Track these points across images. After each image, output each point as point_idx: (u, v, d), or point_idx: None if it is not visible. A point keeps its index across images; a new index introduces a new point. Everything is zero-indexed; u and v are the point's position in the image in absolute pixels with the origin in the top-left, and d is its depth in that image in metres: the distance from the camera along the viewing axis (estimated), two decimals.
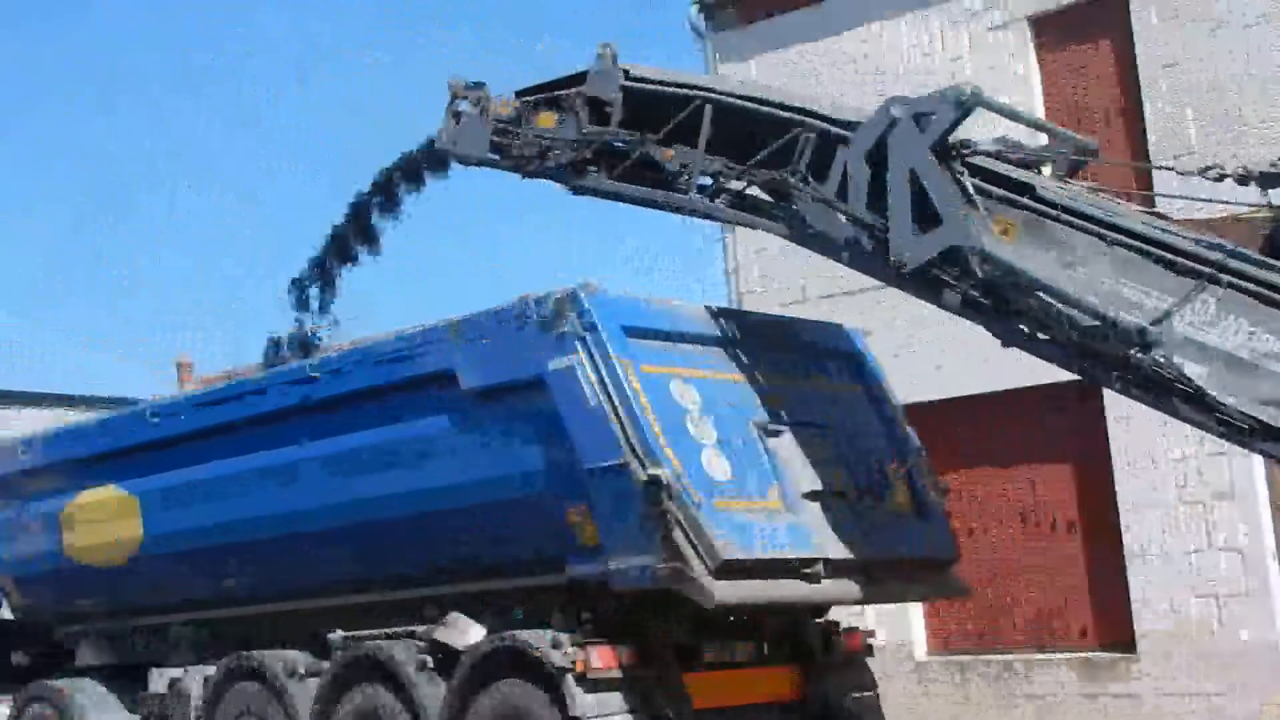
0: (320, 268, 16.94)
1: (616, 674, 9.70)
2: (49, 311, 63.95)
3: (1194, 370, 8.50)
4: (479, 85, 11.65)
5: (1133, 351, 8.59)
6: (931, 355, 15.37)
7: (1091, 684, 15.06)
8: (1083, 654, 15.31)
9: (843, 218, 9.83)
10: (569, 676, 9.60)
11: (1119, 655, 15.01)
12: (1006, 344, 9.65)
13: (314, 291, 18.88)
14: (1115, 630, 15.19)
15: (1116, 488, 14.84)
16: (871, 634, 11.65)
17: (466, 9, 67.08)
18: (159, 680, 12.86)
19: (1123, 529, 14.95)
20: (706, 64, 18.18)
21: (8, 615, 14.55)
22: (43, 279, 65.25)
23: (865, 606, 14.12)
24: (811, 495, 10.29)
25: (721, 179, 10.66)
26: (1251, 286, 8.48)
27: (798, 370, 11.09)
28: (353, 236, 16.70)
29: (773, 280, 17.25)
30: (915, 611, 16.14)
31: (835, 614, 11.40)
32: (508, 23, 67.64)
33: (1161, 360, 8.53)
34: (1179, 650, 14.57)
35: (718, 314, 10.90)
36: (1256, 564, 14.22)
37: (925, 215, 9.30)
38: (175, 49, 66.84)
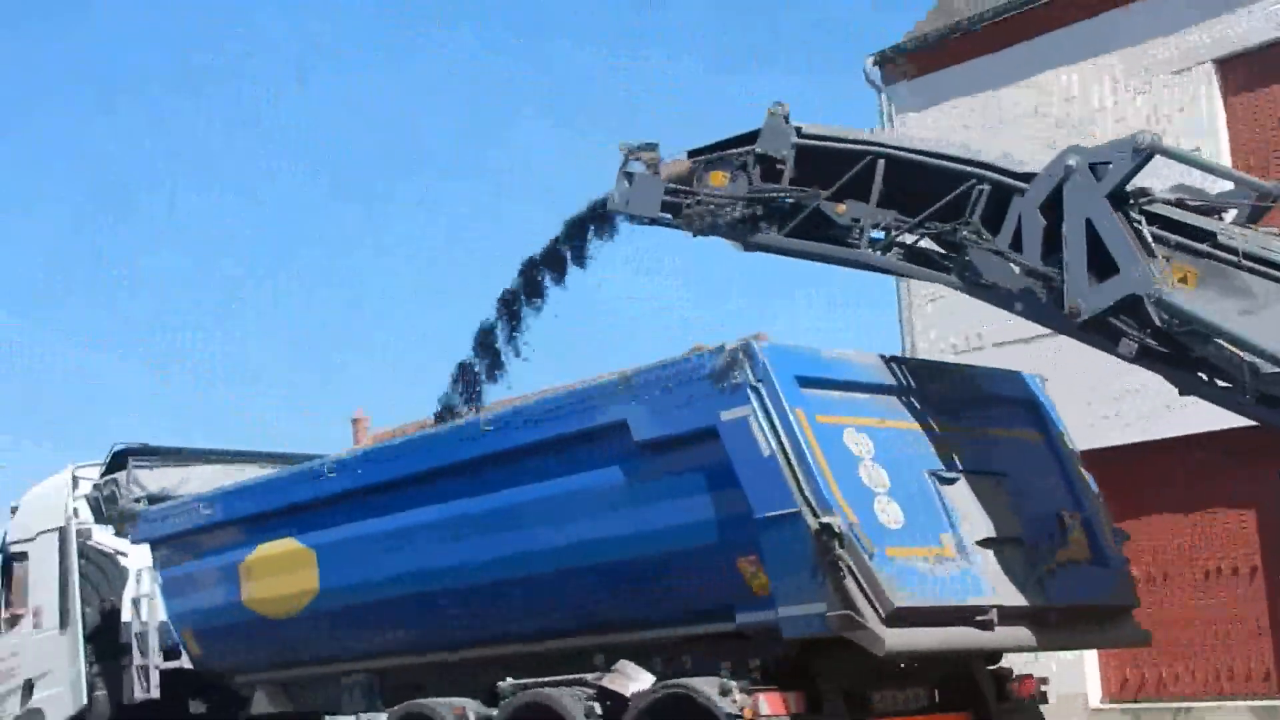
0: (484, 341, 17.30)
1: None
2: (232, 372, 65.86)
3: None
4: (651, 146, 11.92)
5: None
6: (1110, 401, 15.14)
7: None
8: (1263, 701, 14.86)
9: (1016, 268, 9.87)
10: None
11: None
12: (1185, 393, 9.59)
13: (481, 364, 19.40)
14: None
15: None
16: (1045, 681, 11.52)
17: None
18: None
19: None
20: (881, 115, 18.29)
21: (187, 665, 14.94)
22: (225, 339, 67.21)
23: (1038, 653, 14.01)
24: (985, 542, 10.25)
25: (893, 232, 10.72)
26: None
27: (973, 417, 11.07)
28: (522, 300, 16.99)
29: (948, 327, 17.18)
30: (1090, 658, 15.95)
31: (1008, 660, 11.29)
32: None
33: None
34: None
35: (891, 362, 10.92)
36: None
37: (1102, 264, 9.31)
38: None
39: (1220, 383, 9.28)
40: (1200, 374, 9.42)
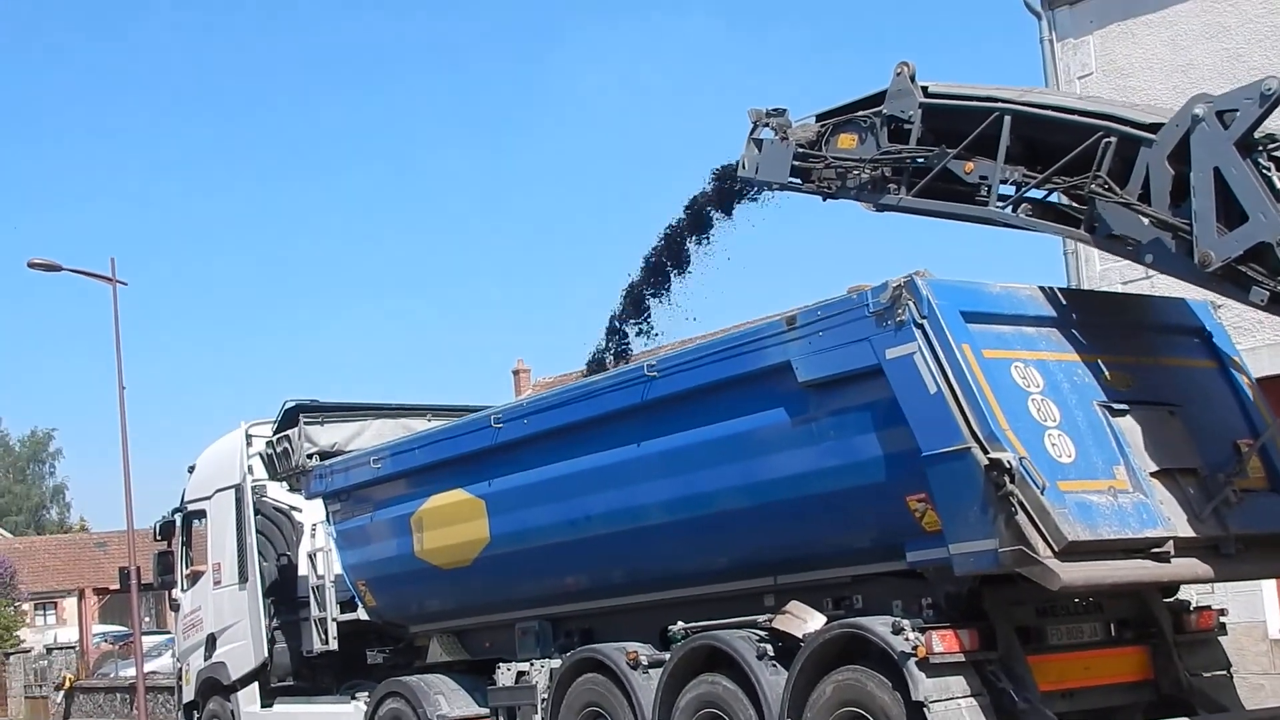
0: (634, 299, 17.59)
1: (959, 658, 9.87)
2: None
3: None
4: (780, 112, 12.22)
5: None
6: None
7: None
8: None
9: (1145, 220, 9.97)
10: (911, 661, 9.78)
11: None
12: None
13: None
14: None
15: None
16: (1224, 612, 11.57)
17: None
18: (507, 674, 13.60)
19: None
20: (1042, 43, 18.16)
21: (363, 616, 15.51)
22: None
23: (1216, 585, 14.02)
24: (1159, 474, 10.28)
25: (1022, 188, 10.83)
26: None
27: (1143, 348, 11.09)
28: (666, 263, 17.28)
29: (1115, 259, 17.04)
30: (1269, 588, 15.80)
31: (1188, 593, 11.35)
32: None
33: None
34: None
35: (1058, 294, 10.95)
36: None
37: (1231, 212, 9.41)
38: None
39: None
40: None
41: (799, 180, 12.09)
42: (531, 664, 13.33)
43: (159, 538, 19.45)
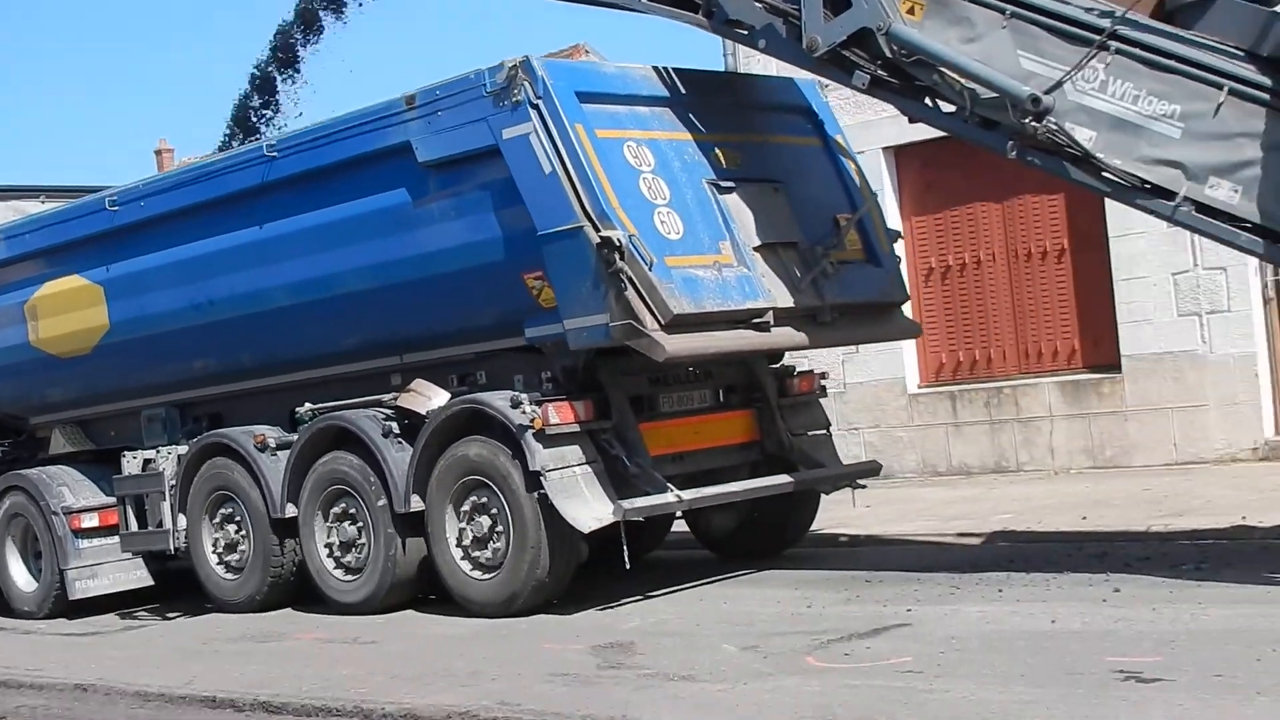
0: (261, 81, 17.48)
1: (574, 428, 10.57)
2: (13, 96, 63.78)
3: (1083, 134, 9.45)
4: None
5: (1027, 120, 9.43)
6: None
7: (1077, 405, 16.11)
8: (1069, 376, 16.32)
9: (759, 5, 10.63)
10: (529, 434, 10.46)
11: (1104, 376, 16.02)
12: (913, 120, 10.66)
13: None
14: (1101, 353, 16.17)
15: (1106, 214, 15.56)
16: (825, 376, 12.63)
17: None
18: (133, 463, 13.71)
19: (1111, 254, 15.80)
20: None
21: None
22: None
23: (845, 349, 16.09)
24: (762, 248, 11.06)
25: None
26: (1138, 52, 9.36)
27: (752, 126, 11.76)
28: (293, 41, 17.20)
29: (771, 59, 17.67)
30: (908, 347, 17.20)
31: (820, 360, 12.36)
32: None
33: (1054, 127, 9.44)
34: (1162, 369, 15.55)
35: (672, 74, 11.47)
36: (1240, 282, 15.06)
37: (838, 0, 10.09)
38: None
39: (945, 108, 10.23)
40: (927, 101, 10.35)
41: None
42: (158, 451, 13.49)
43: None
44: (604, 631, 9.90)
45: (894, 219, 16.78)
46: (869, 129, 16.03)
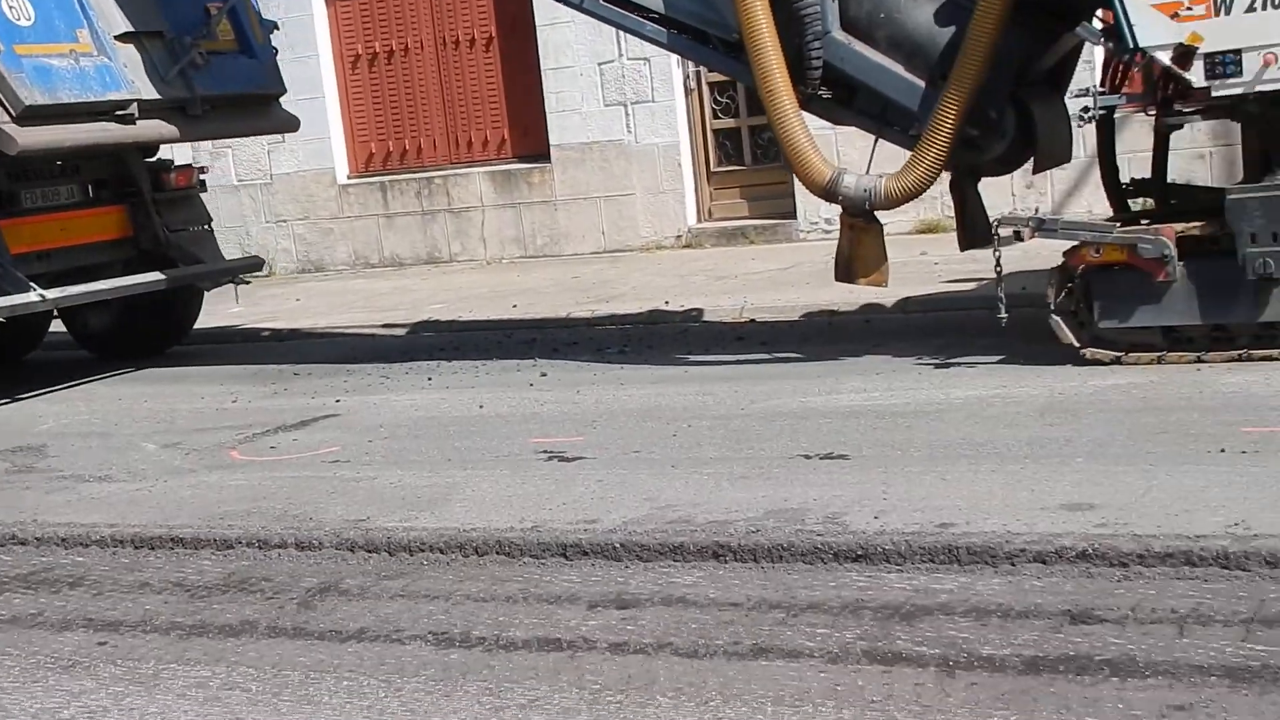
0: None
1: None
2: None
3: None
4: None
5: None
6: None
7: (507, 195, 16.21)
8: (500, 166, 16.39)
9: None
10: None
11: (533, 166, 16.04)
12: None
13: None
14: (531, 143, 16.15)
15: (533, 0, 15.47)
16: (204, 170, 12.29)
17: None
18: None
19: (539, 42, 15.75)
20: None
21: None
22: None
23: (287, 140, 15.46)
24: (124, 37, 10.53)
25: None
26: None
27: None
28: None
29: None
30: (336, 138, 16.85)
31: (181, 152, 11.83)
32: None
33: None
34: (590, 158, 15.72)
35: None
36: (663, 73, 15.28)
37: None
38: None
39: None
40: None
41: None
42: None
43: None
44: (14, 435, 9.34)
45: (317, 3, 16.34)
46: None
